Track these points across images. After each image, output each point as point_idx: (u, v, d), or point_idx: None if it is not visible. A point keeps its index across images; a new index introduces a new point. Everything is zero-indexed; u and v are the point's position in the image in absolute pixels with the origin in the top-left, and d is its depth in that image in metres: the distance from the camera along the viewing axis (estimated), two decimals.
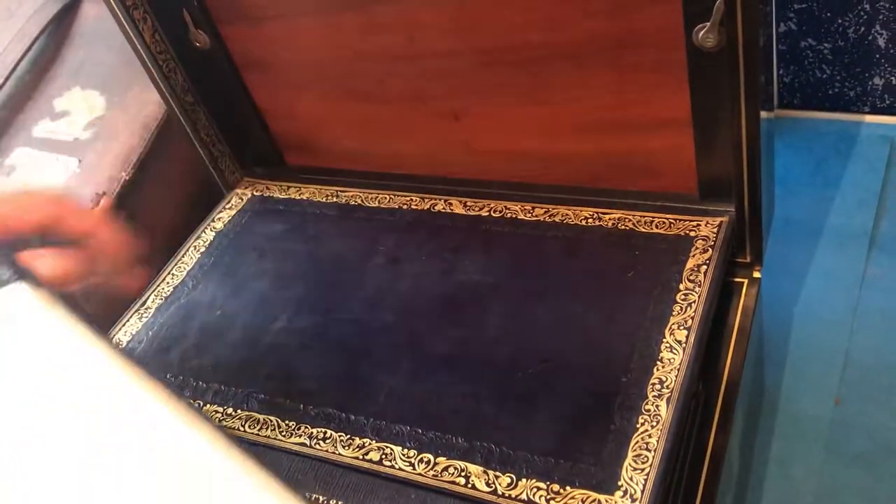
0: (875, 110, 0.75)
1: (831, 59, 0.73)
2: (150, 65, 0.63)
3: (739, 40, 0.45)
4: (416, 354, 0.52)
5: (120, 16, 0.61)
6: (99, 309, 0.64)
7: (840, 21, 0.71)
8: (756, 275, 0.55)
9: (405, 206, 0.63)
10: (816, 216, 0.70)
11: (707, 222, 0.54)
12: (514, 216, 0.60)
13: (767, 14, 0.70)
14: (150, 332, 0.60)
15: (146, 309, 0.62)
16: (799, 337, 0.63)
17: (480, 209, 0.61)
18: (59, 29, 0.80)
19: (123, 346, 0.59)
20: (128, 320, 0.61)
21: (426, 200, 0.63)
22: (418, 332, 0.54)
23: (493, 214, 0.60)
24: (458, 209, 0.62)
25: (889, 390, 0.58)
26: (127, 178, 0.69)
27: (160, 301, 0.62)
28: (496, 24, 0.52)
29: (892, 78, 0.72)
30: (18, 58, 0.77)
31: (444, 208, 0.62)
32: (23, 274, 0.39)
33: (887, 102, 0.74)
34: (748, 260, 0.55)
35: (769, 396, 0.61)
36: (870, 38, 0.70)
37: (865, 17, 0.69)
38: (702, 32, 0.46)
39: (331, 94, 0.63)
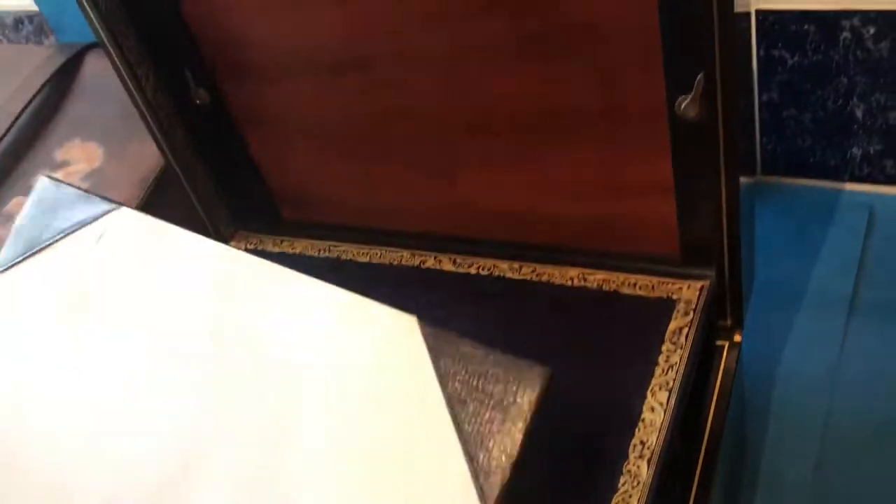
0: (854, 179, 0.78)
1: (812, 128, 0.76)
2: (150, 119, 0.65)
3: (720, 112, 0.47)
4: None
5: (123, 72, 0.63)
6: None
7: (820, 93, 0.73)
8: (737, 338, 0.57)
9: (395, 262, 0.65)
10: (798, 281, 0.71)
11: (689, 286, 0.56)
12: (501, 274, 0.61)
13: (748, 85, 0.73)
14: None
15: None
16: (780, 400, 0.64)
17: (469, 266, 0.62)
18: (63, 82, 0.82)
19: None
20: None
21: (416, 257, 0.65)
22: None
23: (482, 272, 0.62)
24: (448, 266, 0.63)
25: (867, 455, 0.59)
26: None
27: None
28: (488, 93, 0.54)
29: (870, 148, 0.75)
30: (21, 108, 0.79)
31: (433, 265, 0.64)
32: (121, 205, 0.51)
33: (866, 171, 0.76)
34: (729, 324, 0.56)
35: (751, 459, 0.62)
36: (848, 109, 0.73)
37: (843, 90, 0.72)
38: (684, 104, 0.48)
39: (327, 152, 0.65)
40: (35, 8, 0.98)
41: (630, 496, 0.45)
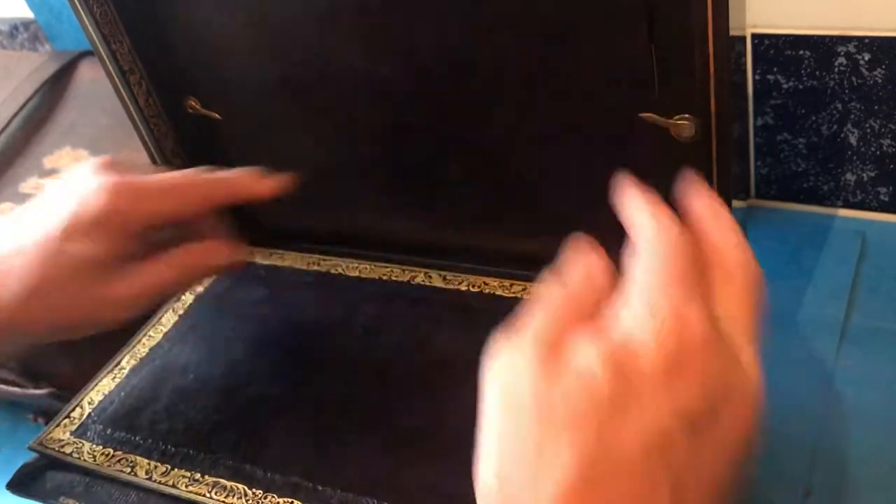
0: (847, 205, 0.77)
1: (806, 153, 0.76)
2: (141, 128, 0.65)
3: (714, 133, 0.47)
4: (388, 428, 0.52)
5: (116, 79, 0.62)
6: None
7: (814, 118, 0.73)
8: None
9: (385, 277, 0.64)
10: (789, 306, 0.71)
11: None
12: (492, 292, 0.60)
13: (743, 108, 0.73)
14: (123, 393, 0.59)
15: (120, 369, 0.61)
16: (771, 426, 0.63)
17: (459, 283, 0.62)
18: (55, 89, 0.82)
19: (95, 405, 0.59)
20: (101, 380, 0.61)
21: (406, 272, 0.64)
22: (392, 405, 0.54)
23: (472, 289, 0.61)
24: (438, 282, 0.62)
25: (857, 483, 0.59)
26: None
27: (135, 362, 0.62)
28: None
29: (864, 175, 0.74)
30: (12, 115, 0.79)
31: (423, 281, 0.63)
32: None
33: (859, 198, 0.76)
34: None
35: (741, 487, 0.61)
36: (842, 135, 0.73)
37: (838, 115, 0.72)
38: (678, 124, 0.48)
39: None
40: (31, 15, 0.98)
41: None
